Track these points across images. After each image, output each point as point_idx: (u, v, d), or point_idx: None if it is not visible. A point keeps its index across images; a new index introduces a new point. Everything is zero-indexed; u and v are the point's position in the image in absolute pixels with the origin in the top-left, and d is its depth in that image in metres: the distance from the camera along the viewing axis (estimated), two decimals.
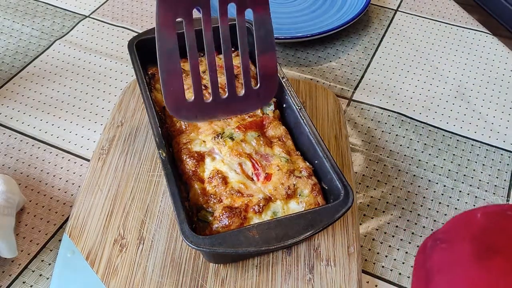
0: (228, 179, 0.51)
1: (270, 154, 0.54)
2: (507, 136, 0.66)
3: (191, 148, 0.54)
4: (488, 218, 0.34)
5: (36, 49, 0.78)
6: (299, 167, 0.53)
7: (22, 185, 0.60)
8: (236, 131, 0.55)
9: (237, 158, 0.53)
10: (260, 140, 0.55)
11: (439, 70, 0.75)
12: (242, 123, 0.56)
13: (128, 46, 0.62)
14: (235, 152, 0.53)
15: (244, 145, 0.54)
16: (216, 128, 0.55)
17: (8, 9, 0.84)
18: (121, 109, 0.65)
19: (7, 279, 0.52)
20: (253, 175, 0.52)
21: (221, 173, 0.52)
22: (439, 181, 0.61)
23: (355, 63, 0.76)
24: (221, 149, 0.54)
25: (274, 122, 0.57)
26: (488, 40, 0.80)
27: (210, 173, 0.52)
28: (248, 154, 0.53)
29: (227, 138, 0.54)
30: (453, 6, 0.86)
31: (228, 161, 0.53)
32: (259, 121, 0.57)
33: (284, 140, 0.56)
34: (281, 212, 0.50)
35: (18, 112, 0.68)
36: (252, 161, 0.53)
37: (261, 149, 0.54)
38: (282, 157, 0.53)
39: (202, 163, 0.53)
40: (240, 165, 0.53)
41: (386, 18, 0.84)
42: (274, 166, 0.52)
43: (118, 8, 0.85)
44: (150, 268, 0.51)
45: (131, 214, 0.55)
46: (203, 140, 0.55)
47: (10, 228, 0.53)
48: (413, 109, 0.69)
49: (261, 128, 0.56)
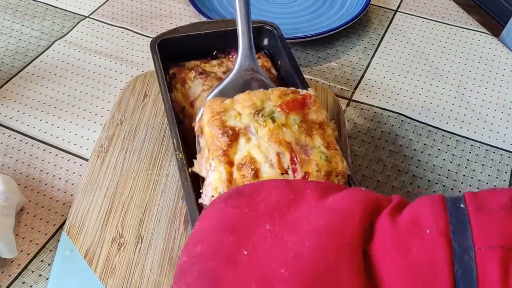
0: (260, 173, 0.44)
1: (310, 145, 0.46)
2: (507, 136, 0.66)
3: (225, 121, 0.46)
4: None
5: (36, 49, 0.78)
6: (336, 168, 0.46)
7: (22, 185, 0.60)
8: (278, 110, 0.47)
9: (277, 146, 0.45)
10: (302, 127, 0.47)
11: (439, 70, 0.75)
12: (284, 100, 0.48)
13: (151, 45, 0.60)
14: (275, 138, 0.45)
15: (285, 130, 0.46)
16: (255, 100, 0.47)
17: (8, 9, 0.85)
18: (120, 107, 0.66)
19: (6, 279, 0.52)
20: (289, 170, 0.45)
21: (255, 162, 0.45)
22: (439, 181, 0.61)
23: (355, 63, 0.76)
24: (258, 130, 0.46)
25: (317, 104, 0.49)
26: (488, 40, 0.80)
27: (242, 159, 0.45)
28: (288, 143, 0.45)
29: (268, 117, 0.46)
30: (453, 7, 0.86)
31: (265, 148, 0.45)
32: (301, 99, 0.49)
33: (324, 128, 0.48)
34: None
35: (17, 112, 0.68)
36: (292, 154, 0.45)
37: (301, 137, 0.46)
38: (322, 152, 0.46)
39: (236, 142, 0.46)
40: (278, 155, 0.45)
41: (386, 18, 0.84)
42: (313, 165, 0.45)
43: (118, 8, 0.85)
44: (148, 267, 0.51)
45: (129, 212, 0.55)
46: (239, 112, 0.47)
47: (9, 228, 0.53)
48: (413, 109, 0.69)
49: (303, 109, 0.48)
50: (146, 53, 0.77)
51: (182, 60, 0.62)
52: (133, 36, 0.80)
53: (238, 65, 0.54)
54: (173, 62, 0.61)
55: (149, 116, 0.65)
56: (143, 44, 0.79)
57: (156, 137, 0.62)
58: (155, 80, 0.69)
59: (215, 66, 0.62)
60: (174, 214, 0.55)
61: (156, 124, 0.64)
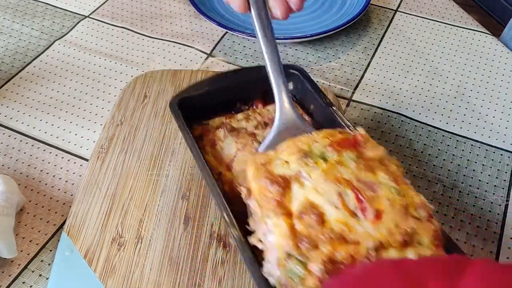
0: (325, 216, 0.40)
1: (373, 181, 0.42)
2: (507, 136, 0.66)
3: (272, 170, 0.43)
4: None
5: (36, 49, 0.78)
6: (413, 202, 0.41)
7: (22, 185, 0.60)
8: (329, 149, 0.44)
9: (335, 185, 0.41)
10: (360, 163, 0.42)
11: (439, 70, 0.75)
12: (333, 140, 0.45)
13: (170, 106, 0.55)
14: (331, 177, 0.41)
15: (341, 168, 0.42)
16: (300, 145, 0.44)
17: (8, 9, 0.85)
18: (120, 108, 0.66)
19: (6, 279, 0.52)
20: (357, 210, 0.40)
21: (316, 206, 0.40)
22: (439, 181, 0.61)
23: (355, 63, 0.76)
24: (311, 173, 0.42)
25: (370, 141, 0.45)
26: (488, 40, 0.80)
27: (301, 206, 0.40)
28: (347, 180, 0.41)
29: (319, 158, 0.43)
30: (452, 7, 0.86)
31: (323, 190, 0.41)
32: (352, 139, 0.45)
33: (386, 163, 0.44)
34: None
35: (17, 112, 0.68)
36: (355, 192, 0.41)
37: (362, 174, 0.42)
38: (391, 186, 0.41)
39: (289, 190, 0.42)
40: (339, 195, 0.40)
41: (386, 18, 0.84)
42: (383, 199, 0.40)
43: (118, 8, 0.85)
44: (148, 267, 0.51)
45: (129, 213, 0.55)
46: (286, 161, 0.44)
47: (9, 228, 0.53)
48: (413, 109, 0.69)
49: (356, 148, 0.45)
50: (146, 53, 0.77)
51: (203, 118, 0.57)
52: (133, 36, 0.80)
53: (278, 121, 0.50)
54: (195, 121, 0.56)
55: (149, 116, 0.65)
56: (143, 44, 0.79)
57: (156, 138, 0.62)
58: (155, 80, 0.69)
59: (242, 120, 0.57)
60: (174, 214, 0.55)
61: (156, 125, 0.64)
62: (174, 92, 0.67)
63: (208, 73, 0.70)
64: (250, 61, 0.76)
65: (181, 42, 0.79)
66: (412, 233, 0.39)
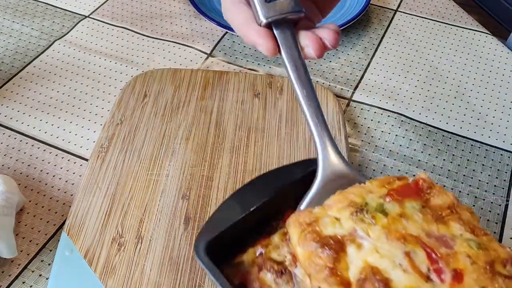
0: (392, 283, 0.32)
1: (449, 236, 0.34)
2: (507, 136, 0.66)
3: (321, 231, 0.35)
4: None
5: (36, 49, 0.78)
6: (498, 256, 0.33)
7: (22, 185, 0.60)
8: (387, 200, 0.36)
9: (400, 244, 0.33)
10: (427, 214, 0.35)
11: (439, 70, 0.75)
12: (391, 188, 0.37)
13: (196, 250, 0.43)
14: (395, 235, 0.34)
15: (405, 222, 0.35)
16: (352, 198, 0.36)
17: (8, 9, 0.85)
18: (120, 107, 0.66)
19: (6, 279, 0.52)
20: (430, 273, 0.33)
21: (379, 272, 0.32)
22: (439, 181, 0.61)
23: (355, 63, 0.76)
24: (368, 231, 0.35)
25: (436, 186, 0.38)
26: (488, 40, 0.80)
27: (360, 272, 0.33)
28: (415, 236, 0.34)
29: (377, 212, 0.35)
30: (452, 6, 0.86)
31: (386, 251, 0.33)
32: (413, 185, 0.38)
33: (458, 211, 0.36)
34: None
35: (17, 112, 0.68)
36: (426, 249, 0.33)
37: (431, 227, 0.35)
38: (469, 239, 0.34)
39: (343, 254, 0.34)
40: (407, 255, 0.33)
41: (386, 18, 0.84)
42: (462, 257, 0.33)
43: (118, 8, 0.85)
44: (148, 267, 0.51)
45: (129, 213, 0.55)
46: (336, 218, 0.36)
47: (9, 228, 0.53)
48: (413, 110, 0.69)
49: (419, 196, 0.37)
50: (146, 53, 0.77)
51: (232, 254, 0.45)
52: (133, 36, 0.80)
53: (322, 171, 0.41)
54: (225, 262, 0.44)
55: (149, 116, 0.65)
56: (143, 44, 0.79)
57: (156, 137, 0.62)
58: (155, 79, 0.69)
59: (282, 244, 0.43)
60: (174, 214, 0.55)
61: (156, 124, 0.64)
62: (174, 91, 0.67)
63: (208, 73, 0.70)
64: (250, 61, 0.76)
65: (181, 42, 0.79)
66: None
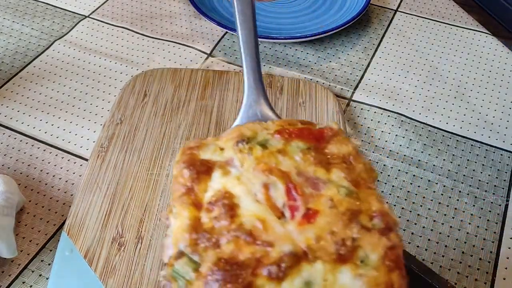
0: (239, 210, 0.31)
1: (323, 179, 0.32)
2: (507, 136, 0.66)
3: (198, 155, 0.34)
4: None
5: (36, 49, 0.78)
6: (370, 209, 0.31)
7: (22, 185, 0.60)
8: (276, 137, 0.34)
9: (264, 176, 0.32)
10: (309, 155, 0.33)
11: (439, 70, 0.75)
12: (288, 128, 0.35)
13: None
14: (262, 167, 0.32)
15: (282, 158, 0.33)
16: (245, 131, 0.35)
17: (8, 9, 0.85)
18: (120, 107, 0.66)
19: (6, 279, 0.52)
20: (285, 209, 0.31)
21: (231, 196, 0.31)
22: (439, 181, 0.61)
23: (355, 63, 0.76)
24: (244, 162, 0.33)
25: (340, 136, 0.35)
26: (488, 40, 0.80)
27: (213, 195, 0.32)
28: (284, 172, 0.32)
29: (256, 145, 0.33)
30: (452, 7, 0.86)
31: (247, 179, 0.32)
32: (317, 131, 0.35)
33: (353, 163, 0.33)
34: (321, 284, 0.28)
35: (18, 112, 0.68)
36: (289, 185, 0.31)
37: (309, 169, 0.32)
38: (342, 186, 0.32)
39: (206, 177, 0.32)
40: (265, 187, 0.31)
41: (386, 18, 0.84)
42: (325, 200, 0.31)
43: (118, 8, 0.85)
44: (148, 267, 0.51)
45: (129, 212, 0.55)
46: (221, 147, 0.34)
47: (9, 228, 0.53)
48: (413, 110, 0.69)
49: (319, 142, 0.35)
50: (146, 53, 0.77)
51: None
52: (133, 36, 0.80)
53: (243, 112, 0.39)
54: None
55: (149, 115, 0.65)
56: (143, 44, 0.79)
57: (156, 137, 0.62)
58: (155, 79, 0.69)
59: None
60: None
61: (156, 124, 0.64)
62: (174, 91, 0.67)
63: (208, 72, 0.70)
64: None
65: (181, 42, 0.79)
66: (353, 246, 0.29)
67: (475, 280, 0.53)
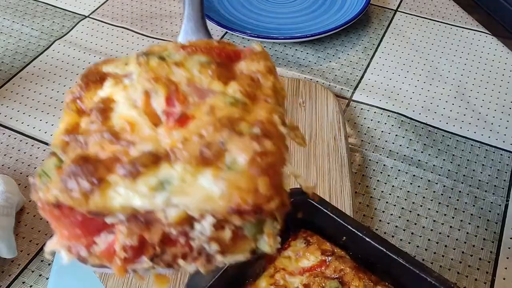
0: (112, 113, 0.31)
1: (215, 91, 0.31)
2: (507, 136, 0.66)
3: (100, 68, 0.34)
4: None
5: (36, 49, 0.78)
6: (254, 118, 0.30)
7: (22, 185, 0.60)
8: (180, 52, 0.33)
9: (148, 84, 0.31)
10: (208, 69, 0.32)
11: (439, 70, 0.75)
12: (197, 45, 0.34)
13: None
14: (149, 75, 0.32)
15: (176, 70, 0.32)
16: (156, 48, 0.34)
17: (8, 9, 0.85)
18: None
19: (6, 279, 0.52)
20: (162, 115, 0.30)
21: (109, 102, 0.31)
22: (439, 181, 0.61)
23: (355, 63, 0.76)
24: (141, 73, 0.33)
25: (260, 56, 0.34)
26: (488, 40, 0.80)
27: (96, 102, 0.32)
28: (172, 82, 0.31)
29: (154, 57, 0.33)
30: (452, 6, 0.86)
31: (132, 87, 0.32)
32: (232, 51, 0.34)
33: (260, 80, 0.32)
34: (178, 184, 0.27)
35: (18, 112, 0.68)
36: (171, 93, 0.31)
37: (204, 81, 0.32)
38: (229, 96, 0.31)
39: (97, 87, 0.33)
40: (146, 94, 0.31)
41: (386, 18, 0.84)
42: (206, 107, 0.30)
43: (118, 8, 0.85)
44: None
45: None
46: (127, 63, 0.34)
47: (9, 228, 0.53)
48: (412, 110, 0.69)
49: (231, 60, 0.34)
50: None
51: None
52: (133, 36, 0.80)
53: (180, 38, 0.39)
54: None
55: None
56: (143, 44, 0.79)
57: None
58: None
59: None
60: None
61: None
62: None
63: None
64: None
65: None
66: (220, 149, 0.28)
67: (475, 280, 0.53)
